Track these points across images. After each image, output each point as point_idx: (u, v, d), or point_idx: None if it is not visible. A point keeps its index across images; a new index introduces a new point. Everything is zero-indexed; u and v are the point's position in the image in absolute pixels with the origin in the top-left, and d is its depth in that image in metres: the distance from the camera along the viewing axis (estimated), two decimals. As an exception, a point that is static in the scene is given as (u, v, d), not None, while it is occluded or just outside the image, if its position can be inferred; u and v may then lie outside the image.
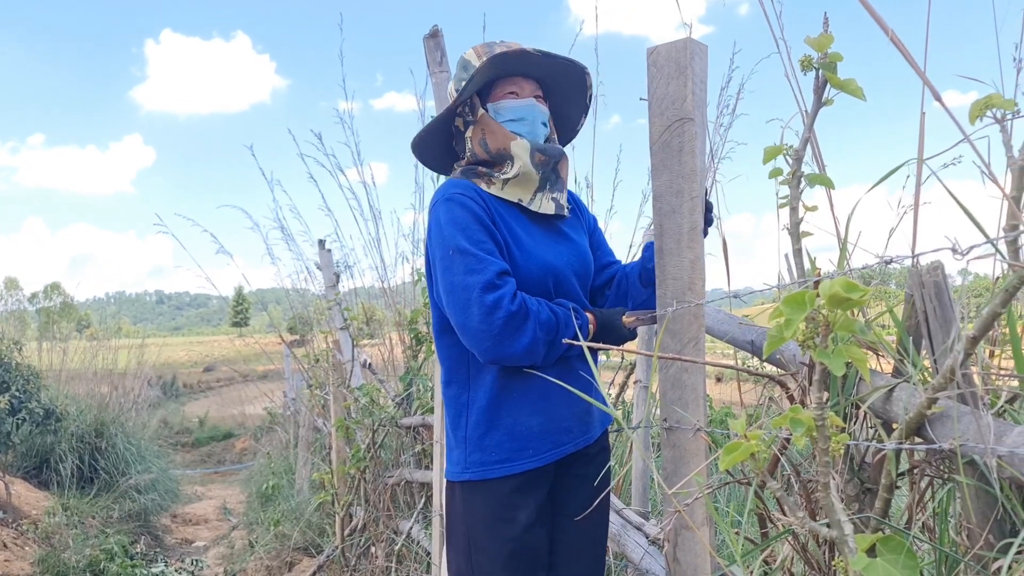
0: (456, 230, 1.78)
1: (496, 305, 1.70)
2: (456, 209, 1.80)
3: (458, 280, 1.74)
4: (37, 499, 6.72)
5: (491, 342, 1.72)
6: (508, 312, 1.70)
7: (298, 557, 5.42)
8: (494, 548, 1.83)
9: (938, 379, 1.05)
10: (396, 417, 4.38)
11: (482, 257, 1.74)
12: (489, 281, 1.71)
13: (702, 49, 1.61)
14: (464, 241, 1.76)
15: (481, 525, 1.85)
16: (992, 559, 1.07)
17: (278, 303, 9.10)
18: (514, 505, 1.84)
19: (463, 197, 1.82)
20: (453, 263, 1.76)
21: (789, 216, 1.39)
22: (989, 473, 1.02)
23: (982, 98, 1.07)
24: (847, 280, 0.94)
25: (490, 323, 1.70)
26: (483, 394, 1.85)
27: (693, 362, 1.57)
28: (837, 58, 1.29)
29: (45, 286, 60.86)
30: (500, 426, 1.83)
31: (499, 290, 1.72)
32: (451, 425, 1.92)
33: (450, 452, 1.94)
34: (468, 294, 1.72)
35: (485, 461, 1.83)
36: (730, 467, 1.10)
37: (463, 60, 1.94)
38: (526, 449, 1.83)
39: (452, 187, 1.86)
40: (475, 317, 1.72)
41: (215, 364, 30.79)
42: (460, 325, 1.76)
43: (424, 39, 3.36)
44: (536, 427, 1.84)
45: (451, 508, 1.96)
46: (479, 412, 1.84)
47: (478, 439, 1.84)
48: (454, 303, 1.76)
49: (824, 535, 1.07)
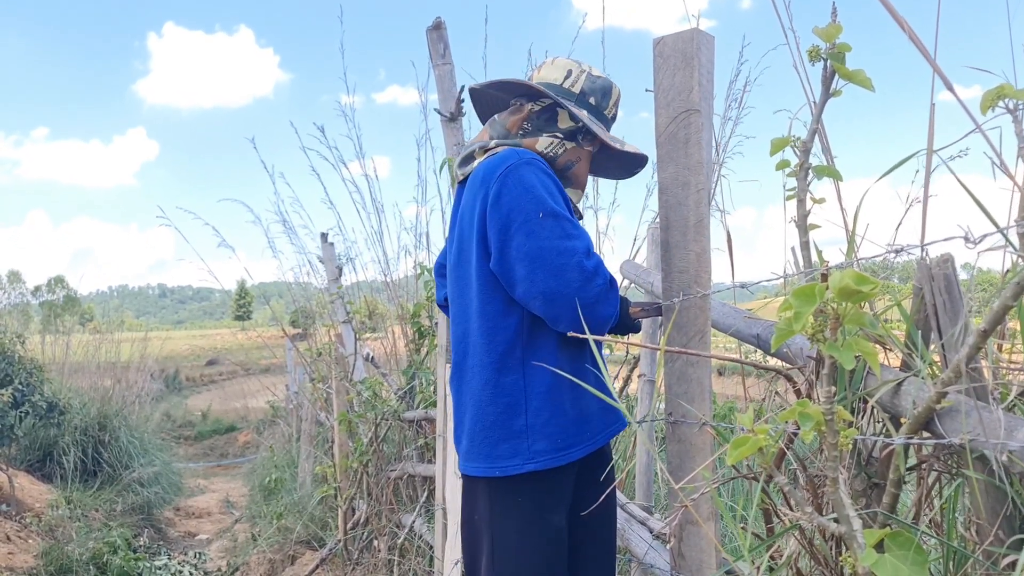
0: (546, 193, 1.72)
1: (596, 271, 1.69)
2: (541, 175, 1.75)
3: (551, 244, 1.67)
4: (40, 492, 6.74)
5: (587, 309, 1.67)
6: (606, 279, 1.71)
7: (301, 550, 5.42)
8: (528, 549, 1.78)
9: (947, 373, 1.04)
10: (399, 411, 4.37)
11: (576, 223, 1.74)
12: (588, 247, 1.71)
13: (709, 40, 1.60)
14: (559, 206, 1.72)
15: (514, 528, 1.79)
16: (1002, 555, 1.06)
17: (281, 296, 9.09)
18: (551, 505, 1.80)
19: (544, 164, 1.80)
20: (543, 227, 1.68)
21: (796, 208, 1.37)
22: (999, 469, 1.01)
23: (993, 88, 1.05)
24: (857, 272, 0.92)
25: (589, 289, 1.67)
26: (541, 379, 1.76)
27: (699, 356, 1.56)
28: (846, 48, 1.27)
29: (49, 279, 60.96)
30: (563, 410, 1.77)
31: (596, 257, 1.73)
32: (503, 416, 1.78)
33: (497, 446, 1.79)
34: (565, 259, 1.67)
35: (553, 448, 1.76)
36: (737, 462, 1.09)
37: (607, 87, 1.95)
38: (585, 432, 1.80)
39: (527, 154, 1.80)
40: (573, 282, 1.66)
41: (218, 357, 30.83)
42: (549, 291, 1.67)
43: (427, 31, 3.35)
44: (593, 407, 1.82)
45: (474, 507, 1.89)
46: (540, 398, 1.76)
47: (542, 426, 1.75)
48: (542, 267, 1.67)
49: (832, 531, 1.06)
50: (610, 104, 1.96)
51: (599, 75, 1.94)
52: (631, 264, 3.11)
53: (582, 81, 1.91)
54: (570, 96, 1.90)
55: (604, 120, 1.95)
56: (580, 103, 1.90)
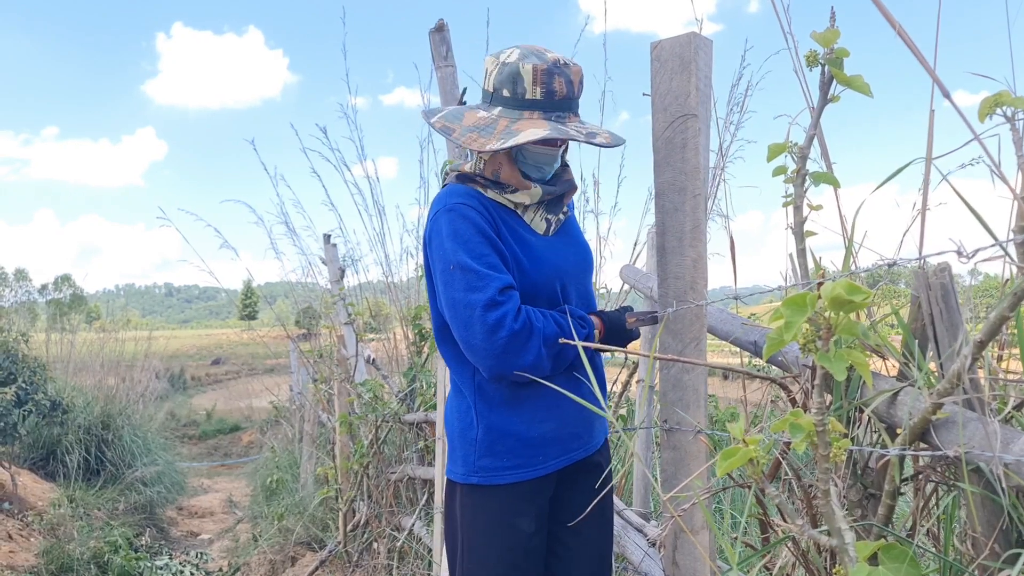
0: (457, 244, 1.72)
1: (499, 324, 1.66)
2: (457, 221, 1.74)
3: (459, 297, 1.70)
4: (43, 490, 6.75)
5: (494, 360, 1.69)
6: (511, 331, 1.66)
7: (301, 552, 5.42)
8: (492, 555, 1.81)
9: (944, 384, 1.02)
10: (399, 413, 4.36)
11: (483, 273, 1.69)
12: (490, 299, 1.67)
13: (706, 44, 1.58)
14: (465, 256, 1.71)
15: (481, 530, 1.83)
16: (997, 569, 1.04)
17: (286, 296, 9.09)
18: (517, 512, 1.81)
19: (464, 207, 1.75)
20: (453, 279, 1.71)
21: (793, 215, 1.36)
22: (995, 481, 0.99)
23: (992, 95, 1.04)
24: (849, 282, 0.91)
25: (493, 342, 1.67)
26: (495, 400, 1.81)
27: (693, 364, 1.54)
28: (844, 54, 1.26)
29: (55, 277, 61.18)
30: (512, 433, 1.80)
31: (501, 308, 1.67)
32: (460, 425, 1.87)
33: (454, 451, 1.90)
34: (470, 312, 1.68)
35: (495, 467, 1.80)
36: (727, 473, 1.08)
37: (514, 71, 1.74)
38: (537, 455, 1.81)
39: (452, 196, 1.79)
40: (478, 336, 1.68)
41: (223, 357, 30.89)
42: (463, 341, 1.72)
43: (430, 33, 3.34)
44: (548, 433, 1.81)
45: (450, 508, 1.94)
46: (491, 418, 1.81)
47: (489, 444, 1.81)
48: (456, 319, 1.72)
49: (824, 543, 1.04)
50: (527, 86, 1.73)
51: (508, 60, 1.75)
52: (630, 268, 3.10)
53: (493, 76, 1.78)
54: (487, 97, 1.81)
55: (529, 106, 1.73)
56: (496, 100, 1.78)
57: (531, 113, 1.73)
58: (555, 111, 1.74)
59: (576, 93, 1.77)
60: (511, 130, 1.71)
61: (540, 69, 1.71)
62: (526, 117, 1.73)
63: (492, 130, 1.73)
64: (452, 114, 1.83)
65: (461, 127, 1.77)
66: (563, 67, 1.73)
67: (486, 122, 1.75)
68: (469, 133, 1.74)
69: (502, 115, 1.75)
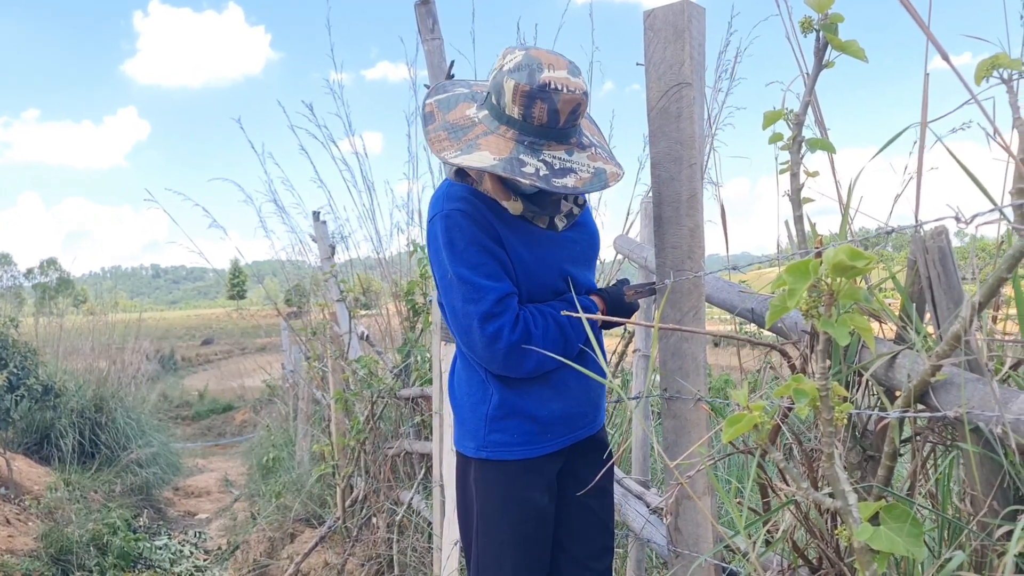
0: (453, 254, 1.72)
1: (496, 336, 1.70)
2: (452, 230, 1.72)
3: (458, 306, 1.74)
4: (39, 475, 6.75)
5: (497, 367, 1.76)
6: (509, 343, 1.70)
7: (300, 528, 5.45)
8: (504, 527, 1.85)
9: (942, 346, 1.04)
10: (394, 388, 4.37)
11: (480, 284, 1.70)
12: (487, 312, 1.69)
13: (699, 12, 1.57)
14: (462, 267, 1.71)
15: (495, 503, 1.86)
16: (996, 526, 1.06)
17: (275, 275, 9.06)
18: (529, 485, 1.85)
19: (459, 214, 1.72)
20: (452, 288, 1.74)
21: (790, 182, 1.36)
22: (994, 440, 1.01)
23: (988, 58, 1.04)
24: (851, 248, 0.92)
25: (493, 352, 1.71)
26: (506, 380, 1.83)
27: (694, 332, 1.55)
28: (838, 19, 1.26)
29: (41, 261, 60.68)
30: (522, 411, 1.82)
31: (498, 320, 1.69)
32: (470, 401, 1.89)
33: (464, 424, 1.92)
34: (469, 322, 1.72)
35: (505, 443, 1.83)
36: (733, 439, 1.09)
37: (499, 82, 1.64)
38: (545, 433, 1.84)
39: (449, 200, 1.75)
40: (478, 345, 1.72)
41: (213, 337, 30.79)
42: (465, 346, 1.79)
43: (416, 6, 3.30)
44: (557, 412, 1.84)
45: (463, 480, 1.97)
46: (501, 396, 1.82)
47: (499, 420, 1.83)
48: (456, 326, 1.77)
49: (827, 505, 1.06)
50: (507, 102, 1.63)
51: (505, 66, 1.65)
52: (624, 239, 3.10)
53: (492, 76, 1.70)
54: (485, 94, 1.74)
55: (507, 122, 1.65)
56: (487, 102, 1.70)
57: (507, 130, 1.65)
58: (531, 136, 1.64)
59: (561, 122, 1.63)
60: (476, 143, 1.64)
61: (522, 90, 1.60)
62: (500, 132, 1.65)
63: (462, 135, 1.67)
64: (448, 101, 1.78)
65: (443, 120, 1.72)
66: (551, 92, 1.59)
67: (465, 123, 1.70)
68: (441, 131, 1.69)
69: (483, 120, 1.69)
